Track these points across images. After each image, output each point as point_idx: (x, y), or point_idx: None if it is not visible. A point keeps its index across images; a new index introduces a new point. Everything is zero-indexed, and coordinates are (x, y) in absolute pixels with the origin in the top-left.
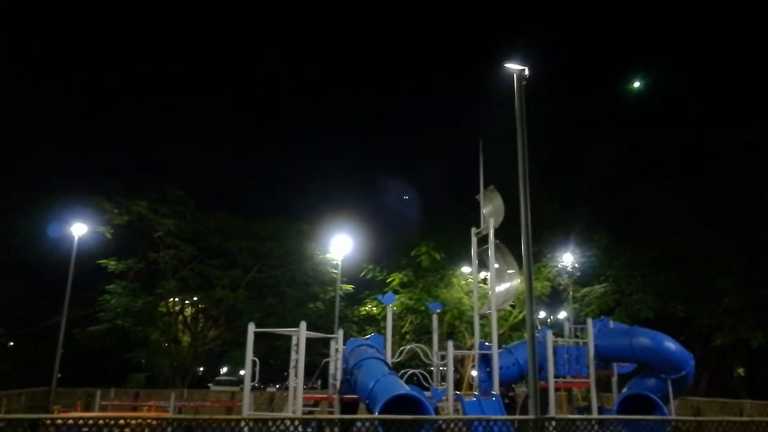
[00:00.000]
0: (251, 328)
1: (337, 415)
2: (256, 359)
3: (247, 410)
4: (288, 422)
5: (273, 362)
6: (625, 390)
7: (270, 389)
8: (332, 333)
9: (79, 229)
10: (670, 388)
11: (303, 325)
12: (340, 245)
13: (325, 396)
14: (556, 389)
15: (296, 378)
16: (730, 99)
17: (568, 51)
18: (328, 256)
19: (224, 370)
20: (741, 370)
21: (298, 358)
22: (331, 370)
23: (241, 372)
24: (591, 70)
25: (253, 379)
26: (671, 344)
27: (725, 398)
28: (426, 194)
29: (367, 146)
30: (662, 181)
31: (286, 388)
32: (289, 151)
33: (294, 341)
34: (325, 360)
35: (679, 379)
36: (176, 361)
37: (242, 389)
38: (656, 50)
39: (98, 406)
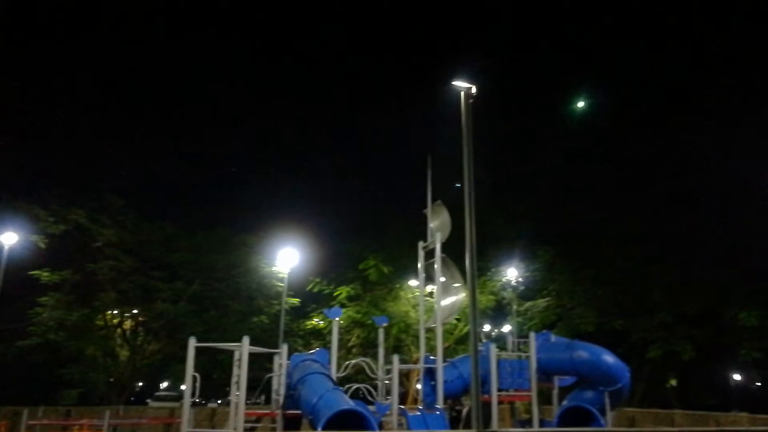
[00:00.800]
0: (192, 343)
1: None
2: (197, 374)
3: (186, 427)
4: None
5: (215, 377)
6: (565, 402)
7: (211, 405)
8: (277, 347)
9: (9, 238)
10: (607, 400)
11: (246, 339)
12: (287, 258)
13: (268, 412)
14: (500, 402)
15: (238, 393)
16: (669, 119)
17: (515, 70)
18: (274, 269)
19: (164, 385)
20: (673, 381)
21: (240, 373)
22: (275, 386)
23: (182, 387)
24: (537, 89)
25: (193, 394)
26: (609, 357)
27: (659, 409)
28: (375, 208)
29: (315, 159)
30: (604, 198)
31: (228, 404)
32: (236, 164)
33: (236, 356)
34: (268, 375)
35: (615, 391)
36: (113, 377)
37: (182, 405)
38: (600, 71)
39: (24, 426)
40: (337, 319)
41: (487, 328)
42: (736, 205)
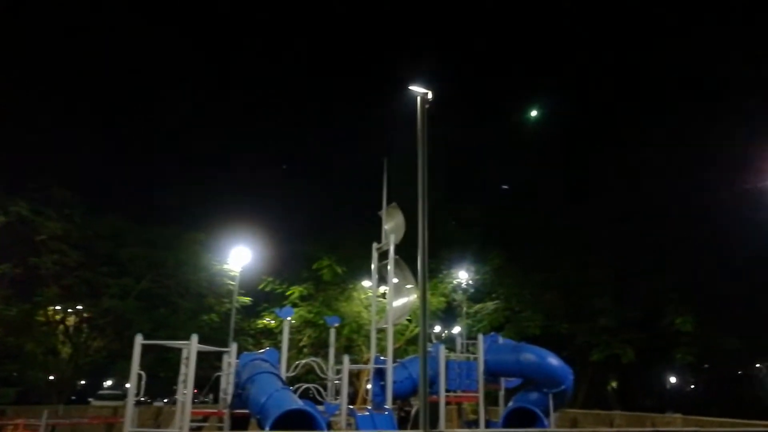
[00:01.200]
0: (138, 340)
1: (226, 431)
2: (143, 373)
3: (129, 426)
4: None
5: (163, 375)
6: (510, 404)
7: (157, 404)
8: (227, 346)
9: None
10: (551, 402)
11: (194, 338)
12: (239, 256)
13: (215, 411)
14: (447, 403)
15: (185, 392)
16: (616, 133)
17: (472, 79)
18: (225, 267)
19: (108, 383)
20: (614, 384)
21: (188, 371)
22: (223, 385)
23: (127, 385)
24: (492, 99)
25: (138, 393)
26: (554, 360)
27: (600, 410)
28: (331, 209)
29: (272, 158)
30: (553, 205)
31: (175, 403)
32: (191, 161)
33: (184, 354)
34: (216, 374)
35: (559, 393)
36: (53, 375)
37: (126, 404)
38: (552, 84)
39: None
40: (288, 318)
41: (437, 329)
42: (675, 217)
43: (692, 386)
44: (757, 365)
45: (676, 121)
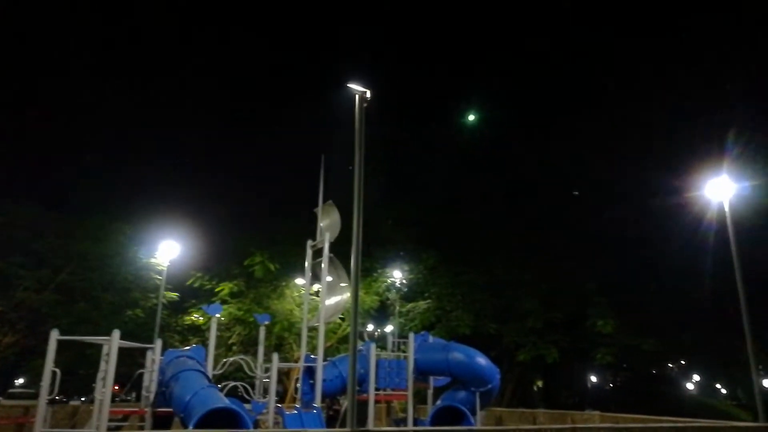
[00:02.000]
0: (54, 336)
1: (147, 430)
2: (57, 370)
3: (40, 426)
4: None
5: (82, 372)
6: (438, 402)
7: (74, 402)
8: (152, 342)
9: None
10: (478, 400)
11: (116, 333)
12: (167, 250)
13: (136, 409)
14: (377, 401)
15: (103, 390)
16: (551, 137)
17: (412, 80)
18: (153, 260)
19: (20, 381)
20: (540, 383)
21: (108, 369)
22: (146, 382)
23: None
24: (432, 100)
25: (51, 391)
26: (482, 359)
27: (525, 408)
28: (265, 204)
29: (206, 152)
30: (487, 209)
31: (92, 401)
32: (119, 151)
33: (105, 351)
34: (139, 371)
35: (486, 392)
36: None
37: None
38: (490, 86)
39: None
40: (217, 315)
41: (370, 328)
42: (603, 223)
43: (611, 385)
44: (670, 365)
45: (609, 128)
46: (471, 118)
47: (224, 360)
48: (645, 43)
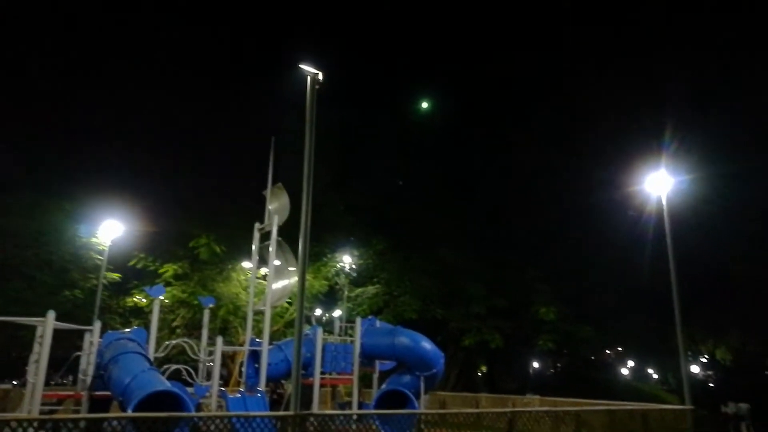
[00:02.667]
0: None
1: (81, 415)
2: None
3: None
4: (15, 423)
5: (15, 355)
6: (383, 386)
7: (5, 386)
8: (91, 324)
9: None
10: (422, 384)
11: (50, 314)
12: (109, 230)
13: (72, 393)
14: (323, 385)
15: (37, 373)
16: (502, 130)
17: (367, 67)
18: (94, 240)
19: None
20: (483, 368)
21: (42, 351)
22: (82, 365)
23: None
24: (386, 88)
25: None
26: (427, 344)
27: (468, 392)
28: (212, 186)
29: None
30: (437, 196)
31: (25, 385)
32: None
33: (39, 332)
34: (76, 354)
35: (430, 376)
36: None
37: None
38: (446, 78)
39: None
40: (160, 297)
41: (318, 312)
42: (548, 214)
43: (552, 370)
44: (607, 351)
45: (557, 126)
46: (424, 105)
47: (167, 342)
48: (592, 36)
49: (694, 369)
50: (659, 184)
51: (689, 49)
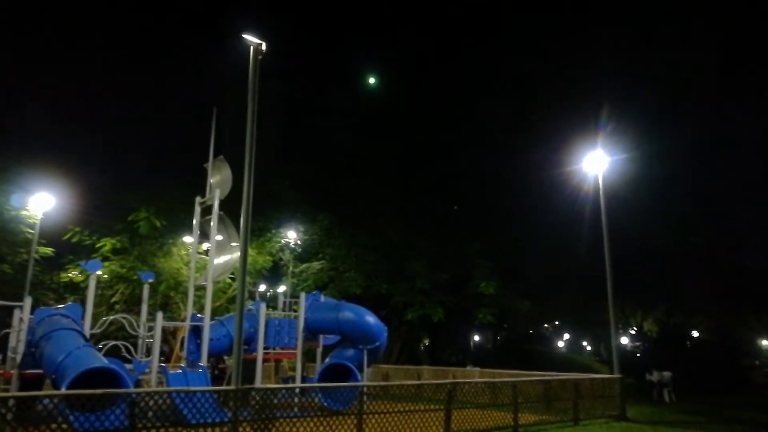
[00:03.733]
0: None
1: (11, 393)
2: None
3: None
4: None
5: None
6: (327, 360)
7: None
8: (21, 300)
9: None
10: (366, 357)
11: None
12: (41, 202)
13: (1, 372)
14: (266, 360)
15: None
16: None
17: (313, 40)
18: (24, 213)
19: None
20: (426, 341)
21: None
22: (12, 343)
23: None
24: (334, 61)
25: None
26: (371, 318)
27: (412, 365)
28: (152, 158)
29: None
30: (383, 173)
31: None
32: None
33: None
34: (4, 331)
35: (374, 349)
36: None
37: None
38: (392, 53)
39: None
40: (97, 272)
41: (262, 288)
42: (489, 190)
43: (492, 343)
44: (545, 325)
45: (502, 105)
46: (371, 81)
47: (104, 319)
48: (535, 19)
49: (624, 341)
50: (596, 163)
51: (622, 30)
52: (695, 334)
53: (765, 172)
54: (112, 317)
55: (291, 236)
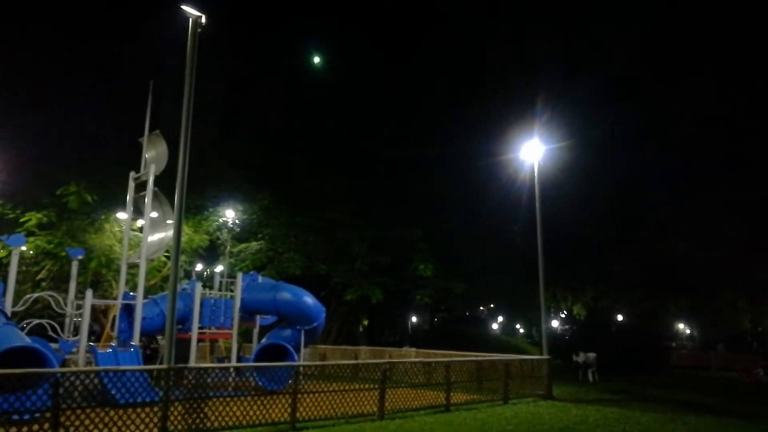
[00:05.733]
0: None
1: None
2: None
3: None
4: None
5: None
6: (264, 340)
7: None
8: None
9: None
10: (303, 338)
11: None
12: None
13: None
14: (201, 340)
15: None
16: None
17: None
18: None
19: None
20: (365, 322)
21: None
22: None
23: None
24: (277, 38)
25: None
26: (309, 299)
27: (350, 346)
28: (83, 130)
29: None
30: (326, 153)
31: None
32: None
33: None
34: None
35: (311, 330)
36: None
37: None
38: (338, 33)
39: None
40: (22, 248)
41: (199, 267)
42: (432, 177)
43: (429, 325)
44: (481, 308)
45: (445, 90)
46: (316, 60)
47: (27, 296)
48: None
49: (555, 324)
50: (532, 152)
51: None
52: (620, 317)
53: (689, 163)
54: (35, 295)
55: (229, 215)
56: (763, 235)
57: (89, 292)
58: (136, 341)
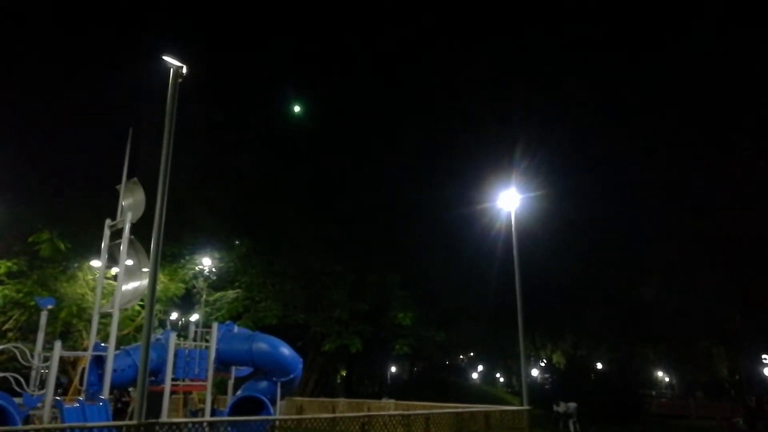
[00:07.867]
0: None
1: None
2: None
3: None
4: None
5: None
6: (239, 392)
7: None
8: None
9: None
10: (279, 390)
11: None
12: None
13: None
14: (175, 392)
15: None
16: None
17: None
18: None
19: None
20: (343, 372)
21: None
22: None
23: None
24: (257, 86)
25: None
26: (285, 350)
27: (327, 397)
28: (58, 175)
29: None
30: (303, 200)
31: None
32: None
33: None
34: None
35: (288, 381)
36: None
37: None
38: (317, 82)
39: None
40: None
41: (174, 316)
42: (409, 224)
43: (409, 374)
44: (460, 357)
45: (423, 137)
46: (297, 109)
47: None
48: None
49: (535, 372)
50: (509, 200)
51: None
52: (599, 366)
53: (664, 213)
54: (1, 347)
55: (206, 263)
56: (737, 283)
57: (58, 343)
58: (105, 395)
